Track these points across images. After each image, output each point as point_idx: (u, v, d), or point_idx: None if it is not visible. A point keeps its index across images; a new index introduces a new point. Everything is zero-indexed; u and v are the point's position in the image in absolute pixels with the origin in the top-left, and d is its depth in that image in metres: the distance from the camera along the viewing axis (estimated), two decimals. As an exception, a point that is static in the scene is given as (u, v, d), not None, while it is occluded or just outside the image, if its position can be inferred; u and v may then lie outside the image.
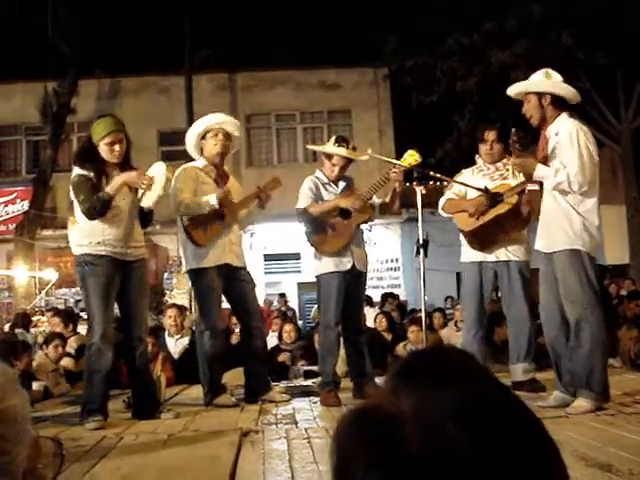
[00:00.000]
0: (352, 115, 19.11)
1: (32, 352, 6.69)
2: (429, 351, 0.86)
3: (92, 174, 4.81)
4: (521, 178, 5.38)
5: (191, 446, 3.99)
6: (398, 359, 0.86)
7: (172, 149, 16.85)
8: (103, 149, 4.86)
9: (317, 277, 5.53)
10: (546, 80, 4.71)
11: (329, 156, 5.59)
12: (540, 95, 4.64)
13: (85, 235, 4.86)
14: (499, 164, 5.63)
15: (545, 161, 4.60)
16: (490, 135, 5.63)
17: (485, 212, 5.40)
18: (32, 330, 10.03)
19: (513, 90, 4.86)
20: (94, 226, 4.82)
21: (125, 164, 4.97)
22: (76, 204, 4.85)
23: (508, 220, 5.34)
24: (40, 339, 8.39)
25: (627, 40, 14.37)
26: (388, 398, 0.75)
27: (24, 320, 10.06)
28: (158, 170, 4.95)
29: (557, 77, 4.75)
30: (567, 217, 4.52)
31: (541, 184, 4.65)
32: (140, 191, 4.95)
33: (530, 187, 4.85)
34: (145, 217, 5.12)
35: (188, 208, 5.34)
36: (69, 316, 7.83)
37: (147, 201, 4.95)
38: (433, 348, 0.89)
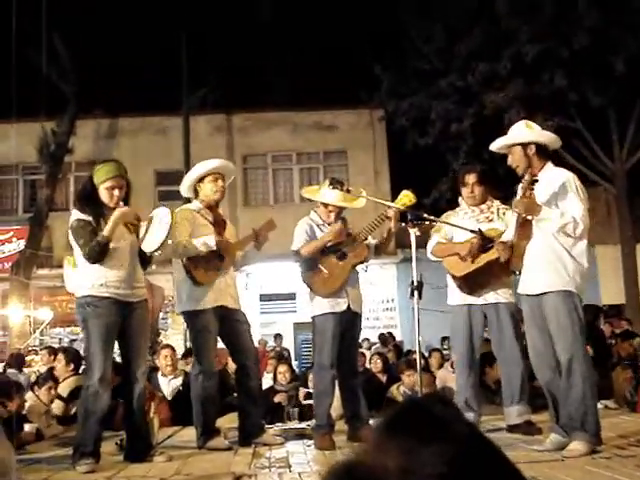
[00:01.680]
0: (348, 156, 19.23)
1: (24, 393, 6.62)
2: (416, 404, 0.86)
3: (91, 218, 4.83)
4: (507, 219, 5.42)
5: (183, 490, 3.95)
6: (390, 405, 0.86)
7: (169, 189, 16.91)
8: (102, 193, 4.89)
9: (312, 318, 5.51)
10: (529, 130, 4.80)
11: (325, 203, 5.61)
12: (525, 145, 4.72)
13: (87, 277, 4.85)
14: (483, 206, 5.66)
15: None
16: (470, 178, 5.66)
17: (477, 256, 5.42)
18: (25, 370, 9.96)
19: (496, 145, 4.93)
20: (96, 268, 4.81)
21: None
22: (76, 248, 4.87)
23: (498, 264, 5.35)
24: (33, 378, 8.33)
25: (619, 80, 14.54)
26: (374, 454, 0.75)
27: (17, 360, 9.98)
28: (163, 215, 4.95)
29: (537, 127, 4.89)
30: (560, 259, 4.55)
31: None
32: (141, 232, 4.96)
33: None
34: (145, 257, 5.12)
35: (186, 249, 5.34)
36: (74, 356, 7.69)
37: (151, 246, 4.93)
38: (420, 401, 0.89)
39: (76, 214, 4.89)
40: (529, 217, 4.59)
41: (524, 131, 4.82)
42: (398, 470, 0.72)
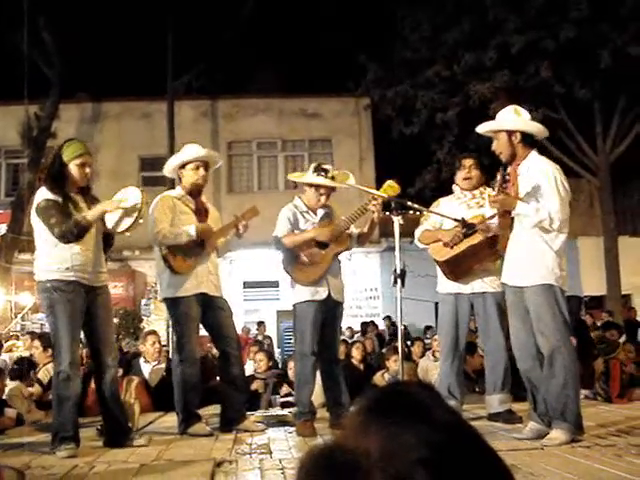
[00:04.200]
0: (333, 143, 19.22)
1: (4, 377, 6.58)
2: (398, 389, 0.85)
3: (60, 199, 4.77)
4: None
5: (163, 475, 3.93)
6: (370, 391, 0.86)
7: (153, 175, 16.85)
8: (73, 169, 4.83)
9: (293, 306, 5.50)
10: (516, 118, 4.77)
11: (316, 185, 5.56)
12: (510, 133, 4.71)
13: (53, 261, 4.78)
14: (476, 192, 5.69)
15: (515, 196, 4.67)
16: (468, 162, 5.70)
17: (459, 242, 5.44)
18: (7, 355, 9.89)
19: (483, 128, 4.92)
20: (62, 252, 4.75)
21: (87, 191, 5.01)
22: (42, 228, 4.78)
23: (482, 250, 5.36)
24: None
25: (604, 72, 14.59)
26: (355, 437, 0.75)
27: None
28: (135, 195, 4.90)
29: (526, 114, 4.85)
30: (541, 253, 4.58)
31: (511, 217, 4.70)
32: (115, 216, 4.88)
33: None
34: (107, 242, 5.09)
35: (166, 238, 5.31)
36: (50, 341, 7.64)
37: (123, 226, 4.89)
38: (402, 385, 0.88)
39: (45, 193, 4.79)
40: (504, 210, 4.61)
41: (511, 118, 4.77)
42: (380, 454, 0.71)
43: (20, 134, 16.66)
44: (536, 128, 4.82)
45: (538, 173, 4.60)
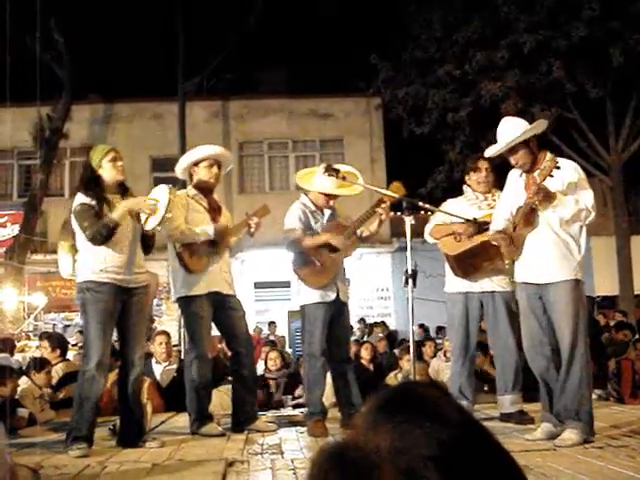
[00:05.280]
0: (344, 144, 19.20)
1: (16, 377, 6.61)
2: (408, 388, 0.85)
3: (95, 202, 4.82)
4: None
5: (175, 475, 3.94)
6: (381, 390, 0.86)
7: (165, 175, 16.85)
8: (107, 167, 4.90)
9: (302, 307, 5.51)
10: (522, 126, 4.75)
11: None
12: (527, 142, 4.70)
13: (89, 262, 4.85)
14: (488, 194, 5.67)
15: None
16: (485, 164, 5.68)
17: (471, 237, 5.43)
18: (19, 355, 9.93)
19: (496, 151, 4.87)
20: (97, 253, 4.81)
21: (125, 192, 5.03)
22: (79, 232, 4.85)
23: (493, 248, 5.32)
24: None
25: (616, 71, 14.54)
26: (366, 434, 0.75)
27: (8, 345, 9.94)
28: (161, 192, 4.95)
29: (522, 120, 4.89)
30: (568, 248, 4.60)
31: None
32: (143, 216, 4.94)
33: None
34: (147, 242, 5.11)
35: (184, 234, 5.34)
36: (59, 341, 7.70)
37: (151, 224, 4.93)
38: (412, 384, 0.88)
39: (80, 198, 4.87)
40: (541, 205, 4.56)
41: (519, 128, 4.72)
42: (390, 451, 0.71)
43: (32, 135, 16.74)
44: (540, 125, 4.84)
45: (569, 170, 4.63)
